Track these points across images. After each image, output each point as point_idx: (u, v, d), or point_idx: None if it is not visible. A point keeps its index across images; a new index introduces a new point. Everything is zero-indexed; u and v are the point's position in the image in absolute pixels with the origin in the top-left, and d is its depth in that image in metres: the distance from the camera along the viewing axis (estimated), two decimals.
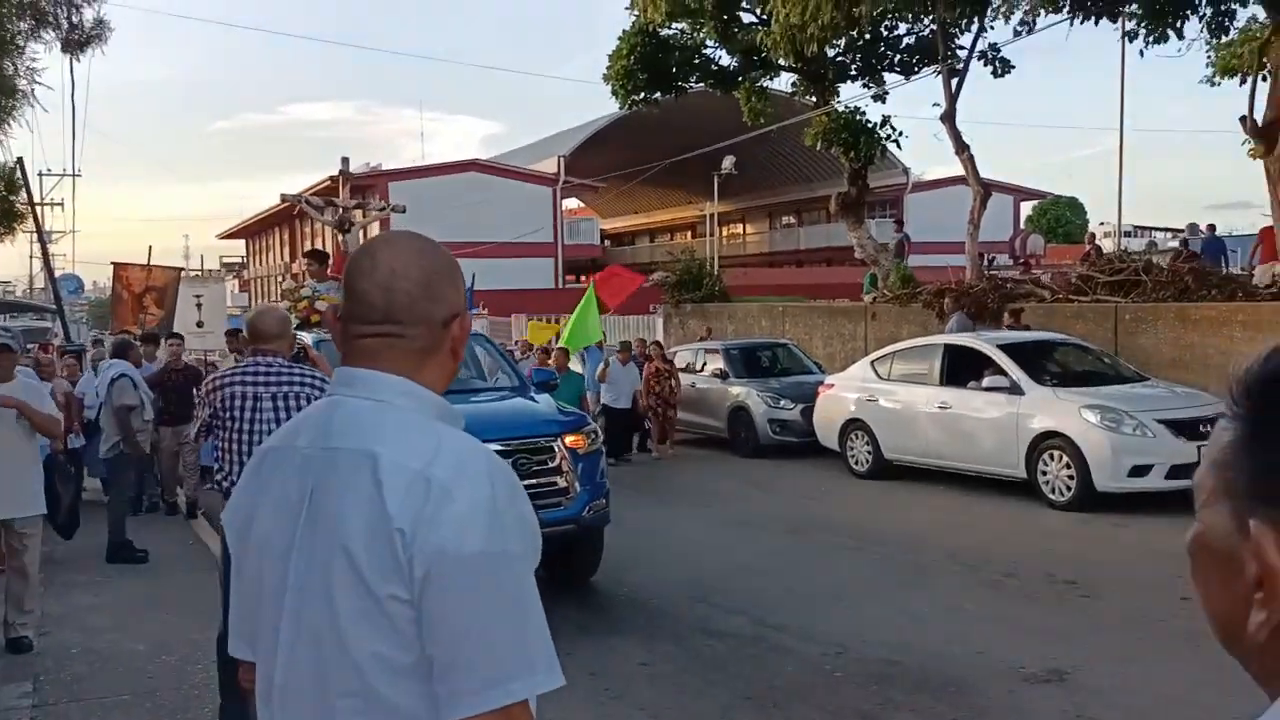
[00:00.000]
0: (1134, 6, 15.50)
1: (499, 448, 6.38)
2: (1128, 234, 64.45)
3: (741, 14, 17.89)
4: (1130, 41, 17.12)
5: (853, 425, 11.58)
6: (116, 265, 17.06)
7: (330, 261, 9.95)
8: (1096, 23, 15.24)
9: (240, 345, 5.57)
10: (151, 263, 17.68)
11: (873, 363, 11.73)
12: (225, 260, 61.28)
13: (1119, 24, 16.51)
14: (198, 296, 16.15)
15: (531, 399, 7.61)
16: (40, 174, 36.86)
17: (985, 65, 17.86)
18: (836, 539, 8.62)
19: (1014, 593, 6.84)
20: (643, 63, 17.88)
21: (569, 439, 6.87)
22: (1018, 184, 46.00)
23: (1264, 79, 13.17)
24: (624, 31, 17.81)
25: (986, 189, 15.89)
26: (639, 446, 14.06)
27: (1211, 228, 16.32)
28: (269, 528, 1.42)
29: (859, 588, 7.12)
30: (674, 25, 17.90)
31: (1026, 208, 56.28)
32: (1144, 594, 6.58)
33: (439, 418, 1.43)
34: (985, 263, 16.24)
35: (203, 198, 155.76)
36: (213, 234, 72.81)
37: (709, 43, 18.38)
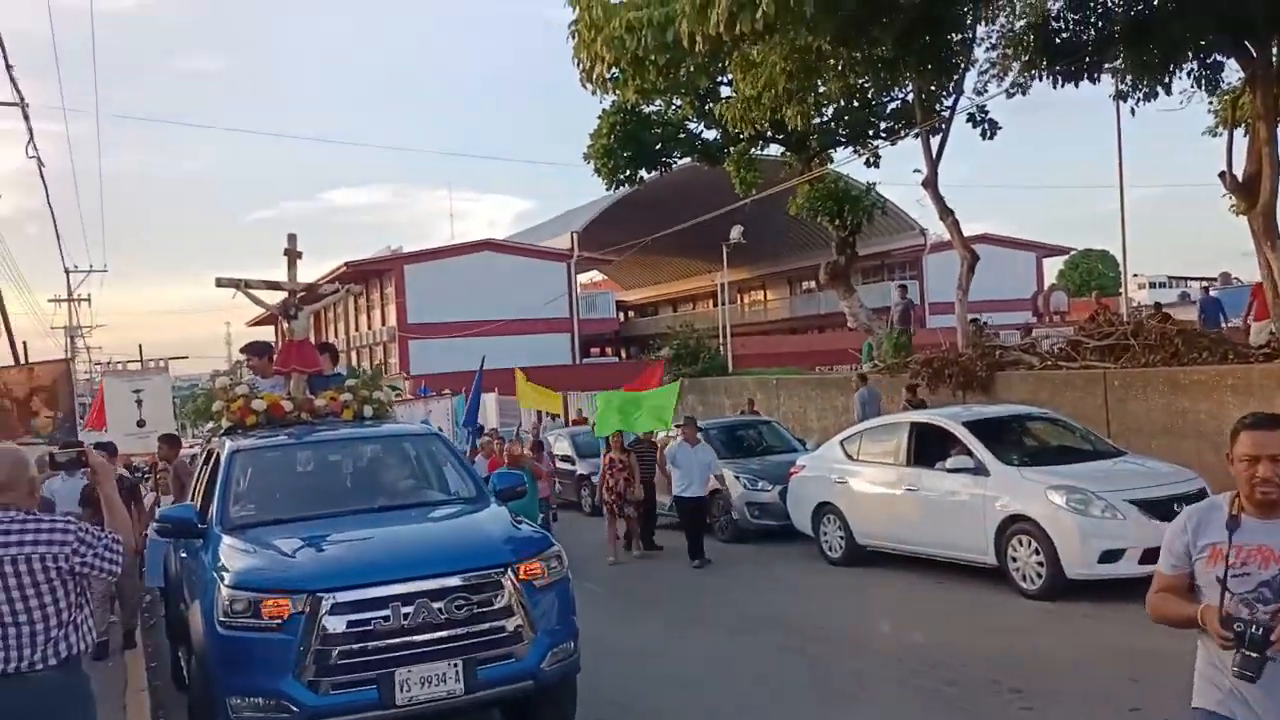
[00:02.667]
0: (1119, 63, 15.19)
1: (427, 586, 5.10)
2: (1163, 285, 63.18)
3: (723, 88, 17.83)
4: (1124, 101, 16.77)
5: (824, 509, 11.05)
6: None
7: (274, 354, 9.52)
8: (1077, 85, 14.90)
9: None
10: (30, 361, 15.97)
11: (842, 442, 11.23)
12: None
13: (1114, 81, 16.18)
14: (137, 392, 14.62)
15: (481, 514, 6.17)
16: (68, 270, 38.05)
17: (975, 127, 17.58)
18: (784, 639, 8.09)
19: (949, 705, 6.27)
20: (623, 141, 17.80)
21: (524, 569, 5.43)
22: (1038, 240, 45.37)
23: (1243, 133, 12.69)
24: (604, 110, 17.77)
25: (973, 254, 15.47)
26: (626, 545, 12.68)
27: (1207, 287, 15.68)
28: None
29: (782, 702, 6.59)
30: (654, 102, 17.84)
31: (1055, 262, 55.54)
32: (1091, 706, 5.98)
33: None
34: (975, 327, 15.72)
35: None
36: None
37: (690, 119, 18.30)
